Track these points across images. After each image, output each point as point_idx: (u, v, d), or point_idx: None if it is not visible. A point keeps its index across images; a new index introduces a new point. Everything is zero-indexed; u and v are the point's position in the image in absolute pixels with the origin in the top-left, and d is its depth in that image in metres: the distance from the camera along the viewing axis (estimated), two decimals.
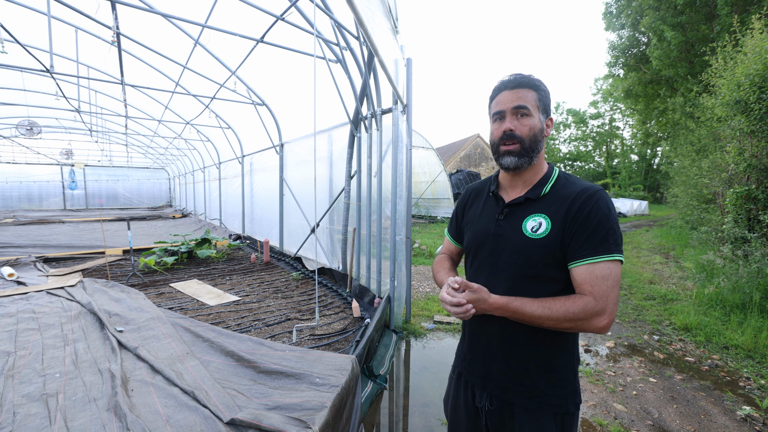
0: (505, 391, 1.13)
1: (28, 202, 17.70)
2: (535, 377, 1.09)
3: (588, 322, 0.97)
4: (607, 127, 44.94)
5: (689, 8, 13.59)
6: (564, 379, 1.09)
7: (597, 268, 0.97)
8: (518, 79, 1.08)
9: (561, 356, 1.09)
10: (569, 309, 0.97)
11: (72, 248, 7.18)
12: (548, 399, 1.07)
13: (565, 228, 1.02)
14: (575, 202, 1.03)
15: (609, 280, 0.96)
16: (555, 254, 1.04)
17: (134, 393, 2.15)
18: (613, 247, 0.98)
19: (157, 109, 8.86)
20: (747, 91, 4.80)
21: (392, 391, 2.87)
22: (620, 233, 1.01)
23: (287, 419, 1.78)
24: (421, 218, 15.45)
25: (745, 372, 3.13)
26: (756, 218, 4.91)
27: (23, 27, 5.12)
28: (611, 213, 1.00)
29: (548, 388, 1.08)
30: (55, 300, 3.92)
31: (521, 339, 1.10)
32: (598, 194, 1.02)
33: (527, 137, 1.06)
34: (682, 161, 11.38)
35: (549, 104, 1.11)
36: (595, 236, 0.98)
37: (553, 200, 1.07)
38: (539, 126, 1.08)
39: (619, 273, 0.99)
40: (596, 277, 0.97)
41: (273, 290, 4.78)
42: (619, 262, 0.98)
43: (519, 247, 1.08)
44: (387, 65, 2.97)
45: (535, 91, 1.07)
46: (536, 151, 1.09)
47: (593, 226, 0.99)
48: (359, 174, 4.59)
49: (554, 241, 1.03)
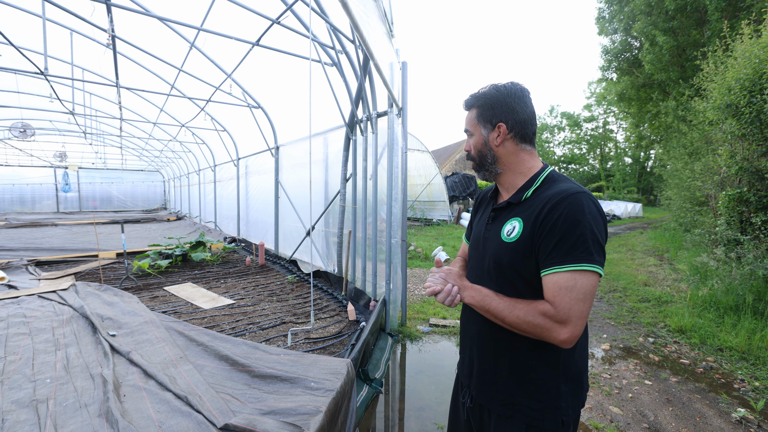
0: (480, 393, 1.15)
1: (20, 205, 17.51)
2: (509, 384, 1.07)
3: (547, 332, 0.93)
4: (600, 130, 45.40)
5: (680, 14, 13.78)
6: (543, 392, 1.03)
7: (561, 279, 0.92)
8: (465, 104, 1.18)
9: (540, 369, 1.03)
10: (529, 312, 0.95)
11: (65, 251, 7.10)
12: (522, 409, 1.04)
13: (534, 233, 0.99)
14: (546, 206, 0.98)
15: (573, 291, 0.90)
16: (525, 258, 1.01)
17: (126, 398, 2.12)
18: (581, 256, 0.91)
19: (152, 112, 8.82)
20: (738, 95, 4.86)
21: (388, 394, 2.85)
22: (597, 240, 0.92)
23: (282, 424, 1.76)
24: (417, 221, 15.47)
25: (739, 374, 3.15)
26: (748, 221, 4.96)
27: (17, 29, 5.09)
28: (584, 218, 0.92)
29: (523, 398, 1.05)
30: (47, 304, 3.87)
31: (497, 341, 1.09)
32: (571, 198, 0.95)
33: (475, 155, 1.17)
34: (675, 164, 11.50)
35: (494, 112, 1.09)
36: (563, 244, 0.93)
37: (532, 203, 1.04)
38: (481, 141, 1.13)
39: (589, 285, 0.91)
40: (560, 288, 0.92)
41: (268, 293, 4.76)
42: (589, 273, 0.91)
43: (496, 250, 1.09)
44: (382, 69, 2.98)
45: (475, 108, 1.14)
46: (487, 163, 1.14)
47: (561, 233, 0.93)
48: (355, 177, 4.58)
49: (523, 245, 1.00)
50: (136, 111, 8.97)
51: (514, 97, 1.08)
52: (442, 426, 2.45)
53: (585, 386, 1.09)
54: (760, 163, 4.87)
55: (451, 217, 15.56)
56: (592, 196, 0.98)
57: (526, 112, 1.08)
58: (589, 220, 0.92)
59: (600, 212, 0.96)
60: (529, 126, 1.09)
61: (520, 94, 1.09)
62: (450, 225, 14.67)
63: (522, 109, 1.08)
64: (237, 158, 9.05)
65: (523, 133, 1.10)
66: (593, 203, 0.96)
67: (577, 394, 1.06)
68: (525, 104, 1.09)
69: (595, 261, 0.91)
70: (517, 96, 1.08)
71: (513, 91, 1.09)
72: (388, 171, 3.90)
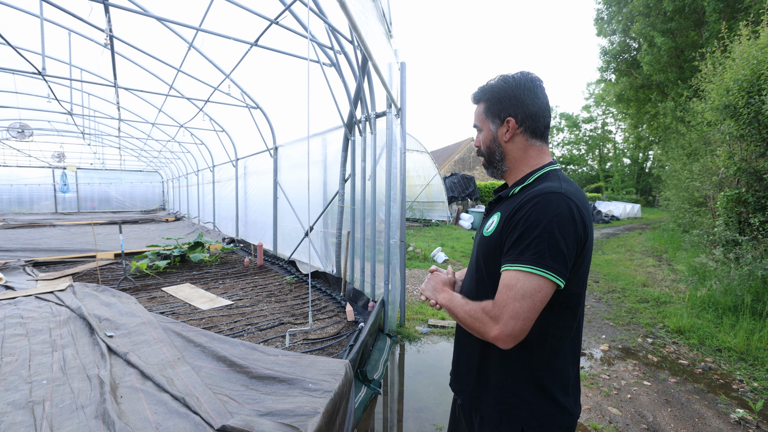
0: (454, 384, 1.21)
1: (18, 206, 17.46)
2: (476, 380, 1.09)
3: (483, 326, 0.92)
4: (599, 131, 45.48)
5: (678, 15, 13.81)
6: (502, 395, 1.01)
7: (506, 276, 0.90)
8: (472, 97, 1.14)
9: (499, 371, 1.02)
10: (474, 308, 0.96)
11: (62, 252, 7.07)
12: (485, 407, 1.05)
13: (503, 229, 0.97)
14: (519, 203, 0.95)
15: (512, 290, 0.87)
16: (495, 253, 1.00)
17: (123, 400, 2.11)
18: (530, 257, 0.87)
19: (150, 112, 8.80)
20: (736, 95, 4.87)
21: (386, 395, 2.84)
22: (555, 245, 0.86)
23: (279, 425, 1.75)
24: (416, 221, 15.46)
25: (738, 374, 3.15)
26: (746, 221, 4.97)
27: (15, 29, 5.07)
28: (546, 219, 0.88)
29: (486, 395, 1.05)
30: (44, 305, 3.85)
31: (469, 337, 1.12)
32: (541, 197, 0.91)
33: (484, 151, 1.14)
34: (673, 165, 11.52)
35: (501, 108, 1.05)
36: (519, 243, 0.90)
37: (514, 200, 1.00)
38: (490, 136, 1.10)
39: (530, 287, 0.86)
40: (503, 285, 0.90)
41: (266, 294, 4.74)
42: (534, 276, 0.86)
43: (478, 245, 1.11)
44: (381, 69, 2.97)
45: (482, 102, 1.10)
46: (495, 160, 1.11)
47: (520, 231, 0.91)
48: (353, 177, 4.58)
49: (496, 240, 0.99)
50: (134, 111, 8.95)
51: (524, 88, 1.02)
52: (441, 427, 2.44)
53: (568, 408, 0.99)
54: (759, 163, 4.88)
55: (450, 217, 15.56)
56: (575, 197, 0.92)
57: (537, 104, 1.02)
58: (551, 223, 0.87)
59: (573, 217, 0.89)
60: (540, 119, 1.03)
61: (531, 85, 1.02)
62: (449, 226, 14.66)
63: (532, 101, 1.02)
64: (235, 159, 9.04)
65: (534, 127, 1.04)
66: (567, 205, 0.89)
67: (550, 412, 0.97)
68: (536, 96, 1.02)
69: (545, 265, 0.86)
70: (527, 87, 1.02)
71: (522, 82, 1.03)
72: (387, 171, 3.90)
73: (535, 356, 0.97)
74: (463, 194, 16.14)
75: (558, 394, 0.98)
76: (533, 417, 0.97)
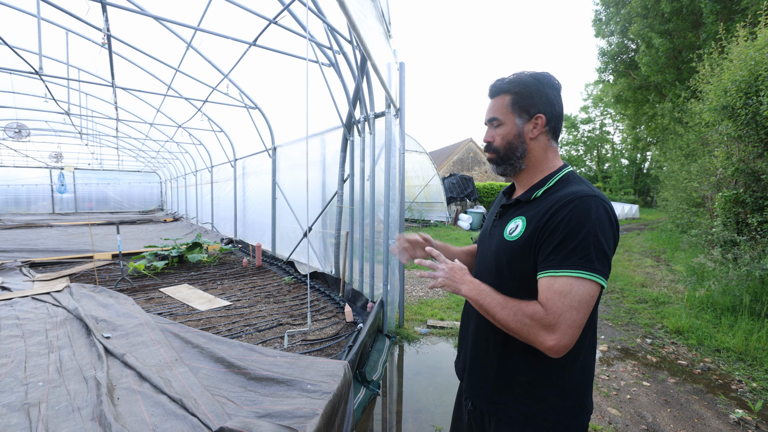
0: (469, 388, 1.13)
1: (15, 206, 17.38)
2: (496, 383, 1.04)
3: (534, 335, 0.86)
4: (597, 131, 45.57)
5: (676, 16, 13.87)
6: (529, 398, 0.98)
7: (556, 283, 0.86)
8: (492, 89, 1.08)
9: (528, 374, 0.99)
10: (519, 311, 0.89)
11: (60, 253, 7.04)
12: (507, 410, 1.01)
13: (534, 234, 0.94)
14: (552, 207, 0.92)
15: (567, 297, 0.84)
16: (523, 258, 0.96)
17: (120, 401, 2.09)
18: (581, 262, 0.84)
19: (148, 112, 8.78)
20: (733, 96, 4.89)
21: (385, 396, 2.83)
22: (601, 248, 0.85)
23: (278, 427, 1.74)
24: (415, 222, 15.46)
25: (737, 375, 3.15)
26: (744, 221, 4.98)
27: (12, 28, 5.04)
28: (589, 223, 0.86)
29: (509, 399, 1.01)
30: (41, 306, 3.82)
31: (488, 339, 1.06)
32: (578, 201, 0.89)
33: (501, 147, 1.06)
34: (671, 165, 11.55)
35: (530, 103, 1.01)
36: (562, 248, 0.87)
37: (540, 203, 0.98)
38: (514, 131, 1.03)
39: (585, 293, 0.84)
40: (554, 292, 0.86)
41: (265, 295, 4.73)
42: (587, 281, 0.84)
43: (496, 248, 1.05)
44: (380, 69, 2.97)
45: (508, 94, 1.04)
46: (515, 157, 1.05)
47: (562, 235, 0.87)
48: (352, 178, 4.57)
49: (523, 245, 0.96)
50: (132, 111, 8.92)
51: (553, 88, 1.01)
52: (440, 428, 2.43)
53: (588, 407, 1.00)
54: (756, 164, 4.89)
55: (449, 218, 15.56)
56: (607, 201, 0.92)
57: (561, 106, 1.02)
58: (594, 226, 0.86)
59: (610, 219, 0.90)
60: (561, 122, 1.04)
61: (558, 86, 1.02)
62: (448, 226, 14.67)
63: (559, 102, 1.02)
64: (234, 159, 9.01)
65: (557, 129, 1.04)
66: (604, 208, 0.89)
67: (575, 414, 0.97)
68: (560, 98, 1.03)
69: (595, 269, 0.84)
70: (555, 87, 1.02)
71: (552, 82, 1.02)
72: (386, 172, 3.89)
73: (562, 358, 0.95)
74: (461, 195, 16.15)
75: (581, 394, 0.99)
76: (558, 420, 0.97)
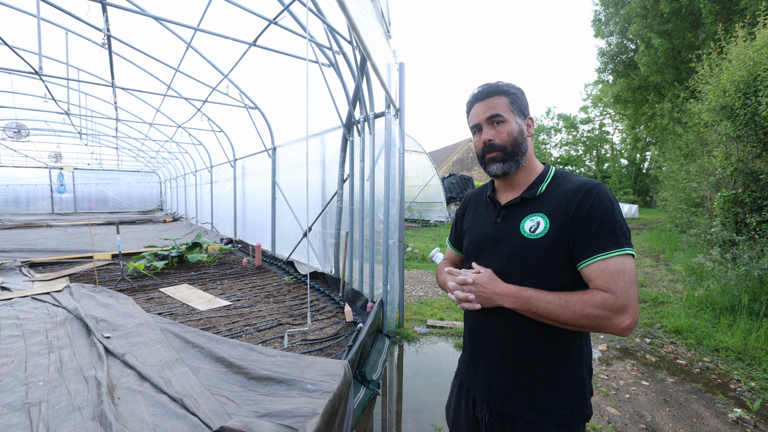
0: (507, 403, 1.07)
1: (15, 206, 17.38)
2: (540, 387, 1.03)
3: (609, 321, 0.88)
4: (597, 131, 45.66)
5: (675, 16, 13.88)
6: (571, 386, 1.02)
7: (610, 264, 0.91)
8: (486, 90, 1.10)
9: (568, 363, 1.03)
10: (588, 303, 0.90)
11: (59, 253, 7.04)
12: (554, 410, 1.01)
13: (564, 226, 0.98)
14: (574, 198, 0.98)
15: (625, 275, 0.89)
16: (555, 254, 0.99)
17: (121, 401, 2.09)
18: (623, 240, 0.92)
19: (148, 112, 8.78)
20: (732, 96, 4.90)
21: (385, 396, 2.84)
22: (627, 226, 0.95)
23: (278, 427, 1.75)
24: (414, 222, 15.47)
25: (735, 374, 3.16)
26: (743, 221, 4.99)
27: (11, 28, 5.04)
28: (614, 206, 0.96)
29: (554, 398, 1.02)
30: (41, 306, 3.82)
31: (525, 345, 1.04)
32: (598, 188, 0.97)
33: (507, 143, 1.07)
34: (670, 165, 11.57)
35: (524, 105, 1.10)
36: (602, 232, 0.93)
37: (550, 198, 1.03)
38: (518, 129, 1.08)
39: (633, 267, 0.92)
40: (611, 273, 0.90)
41: (265, 295, 4.73)
42: (630, 257, 0.92)
43: (518, 248, 1.04)
44: (380, 69, 2.97)
45: (505, 95, 1.08)
46: (521, 153, 1.09)
47: (598, 221, 0.94)
48: (352, 178, 4.57)
49: (554, 240, 0.99)
50: (132, 111, 8.92)
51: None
52: (440, 428, 2.43)
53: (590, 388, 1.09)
54: (755, 164, 4.90)
55: (449, 218, 15.57)
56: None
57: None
58: (617, 208, 0.96)
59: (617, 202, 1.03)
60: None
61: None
62: (447, 226, 14.67)
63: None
64: (234, 159, 9.02)
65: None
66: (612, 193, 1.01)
67: (590, 384, 1.08)
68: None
69: (631, 244, 0.94)
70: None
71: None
72: (386, 172, 3.90)
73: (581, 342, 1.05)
74: (461, 195, 16.16)
75: (586, 377, 1.07)
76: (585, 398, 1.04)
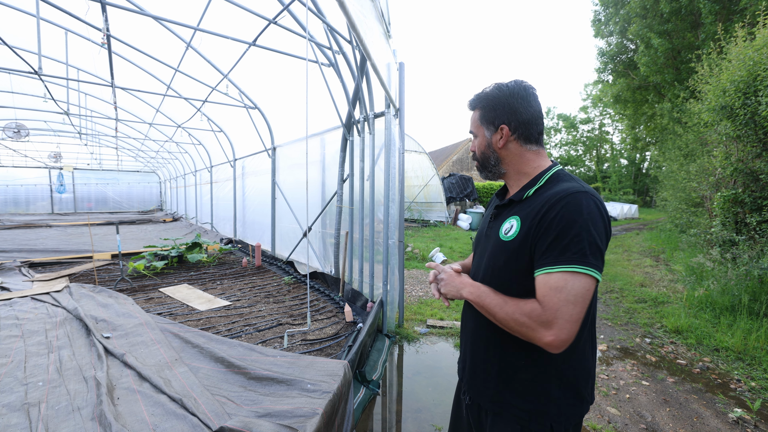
0: (471, 388, 1.16)
1: (14, 206, 17.36)
2: (497, 381, 1.06)
3: (533, 332, 0.89)
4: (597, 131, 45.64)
5: (675, 17, 13.87)
6: (530, 393, 1.01)
7: (551, 279, 0.88)
8: (469, 104, 1.18)
9: (529, 370, 1.01)
10: (519, 309, 0.92)
11: (59, 253, 7.03)
12: (510, 408, 1.03)
13: (529, 232, 0.96)
14: (544, 205, 0.95)
15: (562, 293, 0.86)
16: (520, 258, 0.98)
17: (120, 401, 2.09)
18: (575, 257, 0.86)
19: (148, 112, 8.77)
20: (732, 96, 4.90)
21: (385, 396, 2.83)
22: (594, 242, 0.88)
23: (278, 427, 1.74)
24: (414, 222, 15.46)
25: (735, 374, 3.16)
26: (743, 221, 4.99)
27: (11, 28, 5.04)
28: (581, 218, 0.88)
29: (511, 396, 1.03)
30: (40, 306, 3.82)
31: (488, 338, 1.09)
32: (570, 197, 0.91)
33: (479, 156, 1.17)
34: (670, 165, 11.57)
35: (495, 114, 1.08)
36: (557, 244, 0.89)
37: (532, 202, 1.01)
38: (485, 143, 1.13)
39: (581, 288, 0.86)
40: (549, 288, 0.88)
41: (264, 295, 4.73)
42: (582, 276, 0.86)
43: (493, 249, 1.07)
44: (379, 69, 2.97)
45: (479, 109, 1.13)
46: (490, 165, 1.15)
47: (555, 232, 0.90)
48: (352, 178, 4.57)
49: (519, 244, 0.98)
50: (131, 111, 8.92)
51: (517, 97, 1.06)
52: (440, 428, 2.43)
53: (587, 398, 1.03)
54: (755, 164, 4.90)
55: (449, 218, 15.57)
56: (597, 196, 0.94)
57: (529, 112, 1.06)
58: (586, 221, 0.88)
59: (601, 213, 0.92)
60: (533, 126, 1.07)
61: (524, 94, 1.06)
62: (447, 226, 14.67)
63: (525, 109, 1.06)
64: (233, 159, 9.01)
65: (528, 134, 1.07)
66: (594, 204, 0.92)
67: (573, 404, 1.01)
68: (529, 104, 1.06)
69: (589, 263, 0.86)
70: (521, 96, 1.06)
71: (516, 91, 1.07)
72: (386, 172, 3.89)
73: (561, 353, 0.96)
74: (461, 195, 16.16)
75: (581, 386, 1.02)
76: (560, 412, 1.00)
